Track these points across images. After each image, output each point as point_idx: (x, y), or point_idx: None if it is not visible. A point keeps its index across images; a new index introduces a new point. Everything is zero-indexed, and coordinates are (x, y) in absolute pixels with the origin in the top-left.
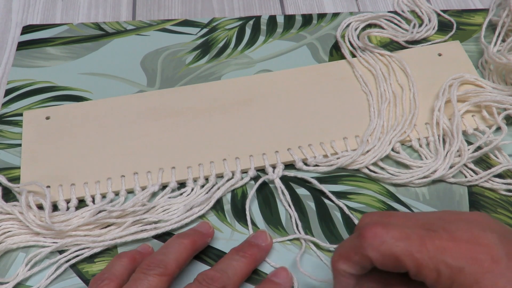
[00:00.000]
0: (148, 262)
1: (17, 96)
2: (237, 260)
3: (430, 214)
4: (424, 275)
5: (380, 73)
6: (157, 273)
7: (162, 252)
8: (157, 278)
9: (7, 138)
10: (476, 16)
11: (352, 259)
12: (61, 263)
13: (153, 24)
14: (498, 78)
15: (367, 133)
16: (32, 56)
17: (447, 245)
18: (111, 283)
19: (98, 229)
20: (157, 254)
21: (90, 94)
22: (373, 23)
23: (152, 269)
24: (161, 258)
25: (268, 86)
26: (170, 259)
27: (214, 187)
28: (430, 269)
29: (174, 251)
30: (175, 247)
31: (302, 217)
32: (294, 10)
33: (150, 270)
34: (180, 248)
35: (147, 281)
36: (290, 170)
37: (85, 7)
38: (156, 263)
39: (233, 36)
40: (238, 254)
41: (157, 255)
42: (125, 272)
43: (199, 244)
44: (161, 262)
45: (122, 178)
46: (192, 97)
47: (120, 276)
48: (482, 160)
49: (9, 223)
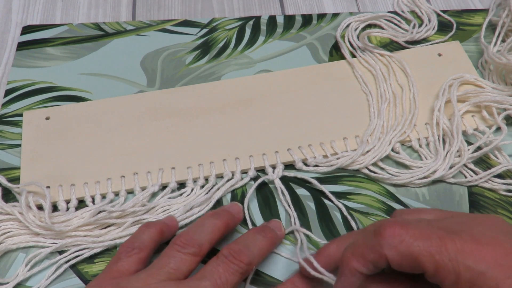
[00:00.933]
0: (184, 240)
1: (17, 97)
2: (260, 239)
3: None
4: (442, 277)
5: (380, 73)
6: (191, 253)
7: (196, 231)
8: (190, 257)
9: (7, 139)
10: (476, 16)
11: (366, 258)
12: (61, 264)
13: (153, 24)
14: (498, 78)
15: (367, 133)
16: (32, 56)
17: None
18: (141, 252)
19: (98, 230)
20: (193, 233)
21: (90, 94)
22: (373, 23)
23: (187, 247)
24: (196, 238)
25: (268, 86)
26: (204, 240)
27: (214, 187)
28: (449, 271)
29: (209, 232)
30: (209, 228)
31: (302, 217)
32: (294, 10)
33: (184, 248)
34: (214, 229)
35: (180, 259)
36: (290, 170)
37: (85, 7)
38: (191, 242)
39: (233, 36)
40: (260, 234)
41: (193, 234)
42: (153, 243)
43: (231, 227)
44: (196, 242)
45: (122, 178)
46: (192, 97)
47: (149, 245)
48: (482, 160)
49: (9, 224)
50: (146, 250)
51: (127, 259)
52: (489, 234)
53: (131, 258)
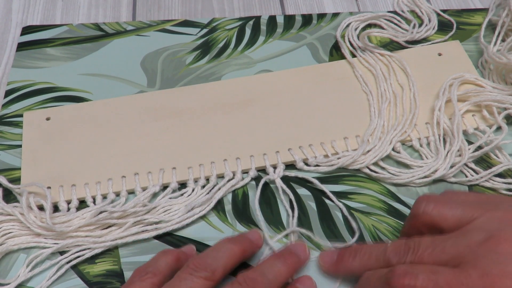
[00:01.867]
0: (196, 263)
1: (17, 97)
2: (279, 266)
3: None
4: None
5: (380, 73)
6: (203, 276)
7: (211, 255)
8: (202, 281)
9: (8, 139)
10: (476, 15)
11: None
12: (62, 264)
13: (153, 25)
14: (498, 78)
15: (367, 133)
16: (32, 57)
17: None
18: (154, 277)
19: (99, 230)
20: (206, 257)
21: (90, 94)
22: (373, 23)
23: (199, 271)
24: (210, 262)
25: (268, 86)
26: (218, 265)
27: (215, 187)
28: None
29: (224, 257)
30: (225, 253)
31: (303, 217)
32: (294, 10)
33: (196, 271)
34: (230, 254)
35: (192, 282)
36: (291, 170)
37: (85, 8)
38: (204, 266)
39: (233, 36)
40: (279, 259)
41: (207, 258)
42: (168, 270)
43: (248, 253)
44: (209, 266)
45: (123, 178)
46: (192, 97)
47: (163, 272)
48: (482, 159)
49: (10, 224)
50: (160, 276)
51: (139, 283)
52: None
53: (144, 282)
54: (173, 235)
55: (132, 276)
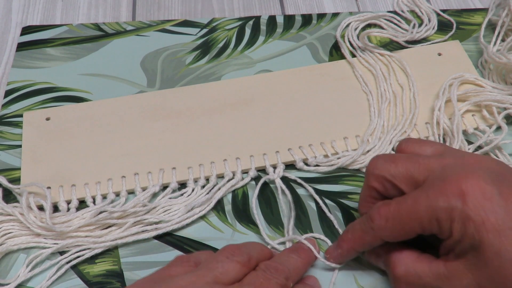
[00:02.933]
0: (234, 248)
1: (17, 97)
2: (295, 258)
3: (436, 162)
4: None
5: (380, 73)
6: (240, 261)
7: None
8: (238, 265)
9: (7, 139)
10: (475, 15)
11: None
12: (62, 264)
13: (152, 25)
14: (498, 78)
15: (367, 133)
16: (32, 57)
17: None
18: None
19: (99, 230)
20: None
21: (90, 95)
22: (373, 23)
23: (236, 255)
24: (246, 251)
25: (268, 86)
26: (254, 254)
27: (215, 187)
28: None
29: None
30: (259, 246)
31: (303, 217)
32: (294, 10)
33: (234, 255)
34: (263, 249)
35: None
36: (291, 170)
37: (85, 8)
38: (241, 251)
39: (233, 36)
40: (294, 253)
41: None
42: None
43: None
44: (246, 252)
45: (123, 178)
46: (192, 97)
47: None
48: None
49: (9, 224)
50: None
51: (180, 267)
52: (458, 173)
53: (182, 268)
54: (173, 235)
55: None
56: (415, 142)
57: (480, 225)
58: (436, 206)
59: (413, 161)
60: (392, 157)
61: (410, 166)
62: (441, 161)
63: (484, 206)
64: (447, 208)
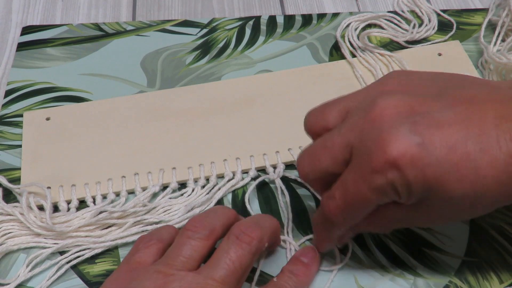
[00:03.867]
0: (195, 224)
1: (17, 97)
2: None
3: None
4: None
5: (380, 73)
6: (202, 237)
7: (209, 215)
8: (202, 242)
9: (7, 139)
10: (476, 16)
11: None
12: (62, 264)
13: (153, 25)
14: (498, 78)
15: None
16: (32, 57)
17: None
18: (159, 243)
19: (99, 230)
20: (205, 217)
21: (90, 94)
22: (373, 23)
23: (198, 232)
24: (208, 222)
25: (268, 86)
26: (216, 224)
27: (215, 187)
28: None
29: (221, 217)
30: (221, 214)
31: (303, 217)
32: (294, 10)
33: (195, 233)
34: (226, 215)
35: (191, 246)
36: (291, 170)
37: (85, 7)
38: (202, 226)
39: (233, 36)
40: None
41: (205, 218)
42: (171, 239)
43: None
44: (207, 225)
45: (123, 178)
46: (192, 97)
47: (167, 239)
48: None
49: (9, 224)
50: (165, 242)
51: (144, 250)
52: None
53: (148, 249)
54: None
55: (136, 244)
56: (318, 114)
57: (422, 181)
58: (377, 184)
59: (329, 147)
60: (312, 153)
61: (331, 154)
62: (350, 126)
63: (417, 164)
64: (387, 183)
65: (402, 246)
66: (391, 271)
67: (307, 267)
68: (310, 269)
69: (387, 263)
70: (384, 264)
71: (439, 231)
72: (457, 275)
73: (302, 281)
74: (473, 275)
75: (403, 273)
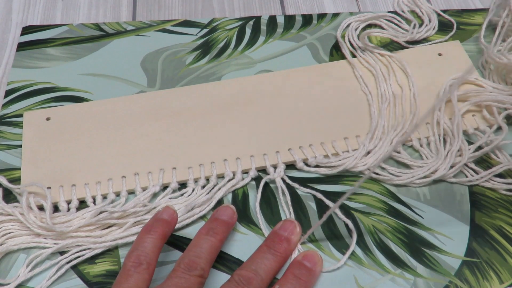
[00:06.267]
0: (188, 263)
1: (17, 97)
2: (270, 259)
3: None
4: None
5: (380, 73)
6: (197, 275)
7: (196, 253)
8: (197, 278)
9: (8, 139)
10: (476, 16)
11: None
12: (62, 264)
13: (153, 25)
14: (498, 78)
15: (368, 136)
16: (32, 57)
17: None
18: (149, 267)
19: (99, 230)
20: (194, 256)
21: (90, 94)
22: (373, 23)
23: (193, 270)
24: (198, 261)
25: (268, 86)
26: (205, 263)
27: (215, 187)
28: None
29: (208, 253)
30: (207, 249)
31: (303, 217)
32: (294, 10)
33: (190, 271)
34: (212, 249)
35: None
36: (291, 170)
37: (85, 7)
38: (195, 265)
39: (233, 36)
40: (269, 252)
41: (195, 257)
42: (157, 252)
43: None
44: (199, 265)
45: (123, 178)
46: (192, 97)
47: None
48: (482, 159)
49: (10, 224)
50: (153, 263)
51: (137, 276)
52: None
53: (140, 275)
54: (173, 235)
55: (127, 267)
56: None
57: None
58: None
59: None
60: None
61: None
62: None
63: None
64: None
65: (402, 246)
66: (391, 271)
67: (311, 272)
68: (313, 274)
69: (387, 263)
70: (384, 264)
71: (439, 231)
72: (457, 275)
73: (305, 286)
74: (473, 275)
75: (403, 273)
